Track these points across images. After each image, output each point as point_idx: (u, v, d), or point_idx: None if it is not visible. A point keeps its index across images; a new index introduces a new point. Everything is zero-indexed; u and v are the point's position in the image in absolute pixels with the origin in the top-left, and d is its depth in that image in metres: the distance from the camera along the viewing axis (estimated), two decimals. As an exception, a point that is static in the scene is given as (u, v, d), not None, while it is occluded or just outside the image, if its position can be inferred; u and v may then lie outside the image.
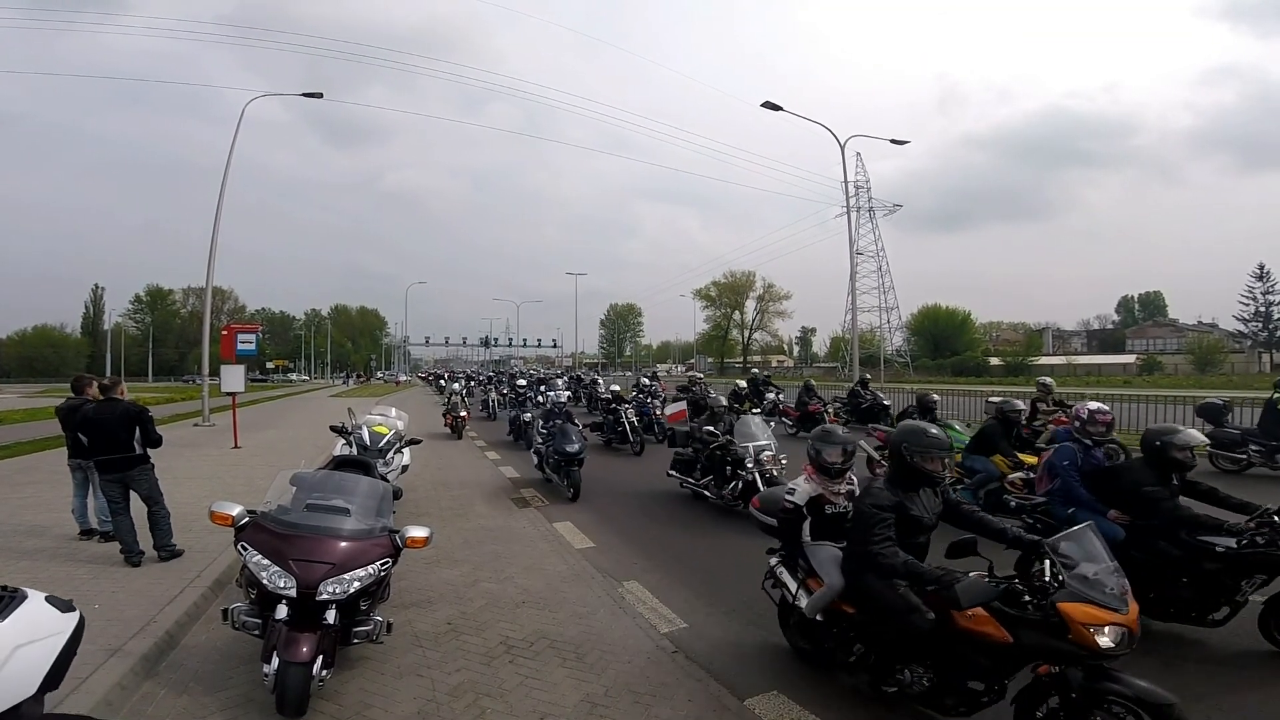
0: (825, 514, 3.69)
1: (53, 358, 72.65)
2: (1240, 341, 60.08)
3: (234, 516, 3.47)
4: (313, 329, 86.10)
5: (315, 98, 21.03)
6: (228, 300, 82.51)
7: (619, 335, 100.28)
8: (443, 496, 8.55)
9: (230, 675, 3.55)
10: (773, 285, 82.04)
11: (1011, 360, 61.00)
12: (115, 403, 5.52)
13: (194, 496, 6.66)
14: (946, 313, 71.55)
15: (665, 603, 4.78)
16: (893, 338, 65.67)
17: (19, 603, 1.05)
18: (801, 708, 3.31)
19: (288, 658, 3.01)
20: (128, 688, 3.35)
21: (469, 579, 5.28)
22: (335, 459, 5.89)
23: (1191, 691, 3.06)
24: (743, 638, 4.25)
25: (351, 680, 3.52)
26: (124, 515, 5.33)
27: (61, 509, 6.37)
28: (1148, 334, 76.62)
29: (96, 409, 5.47)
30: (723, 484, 7.59)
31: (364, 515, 3.69)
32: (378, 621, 3.50)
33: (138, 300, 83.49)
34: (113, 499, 5.36)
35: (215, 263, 18.71)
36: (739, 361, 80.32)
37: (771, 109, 20.83)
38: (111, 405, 5.47)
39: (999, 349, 69.65)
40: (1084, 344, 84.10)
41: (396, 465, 7.46)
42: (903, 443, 3.26)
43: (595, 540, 6.51)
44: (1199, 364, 53.60)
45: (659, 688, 3.50)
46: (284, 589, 3.17)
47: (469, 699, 3.36)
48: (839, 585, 3.33)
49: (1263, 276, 56.40)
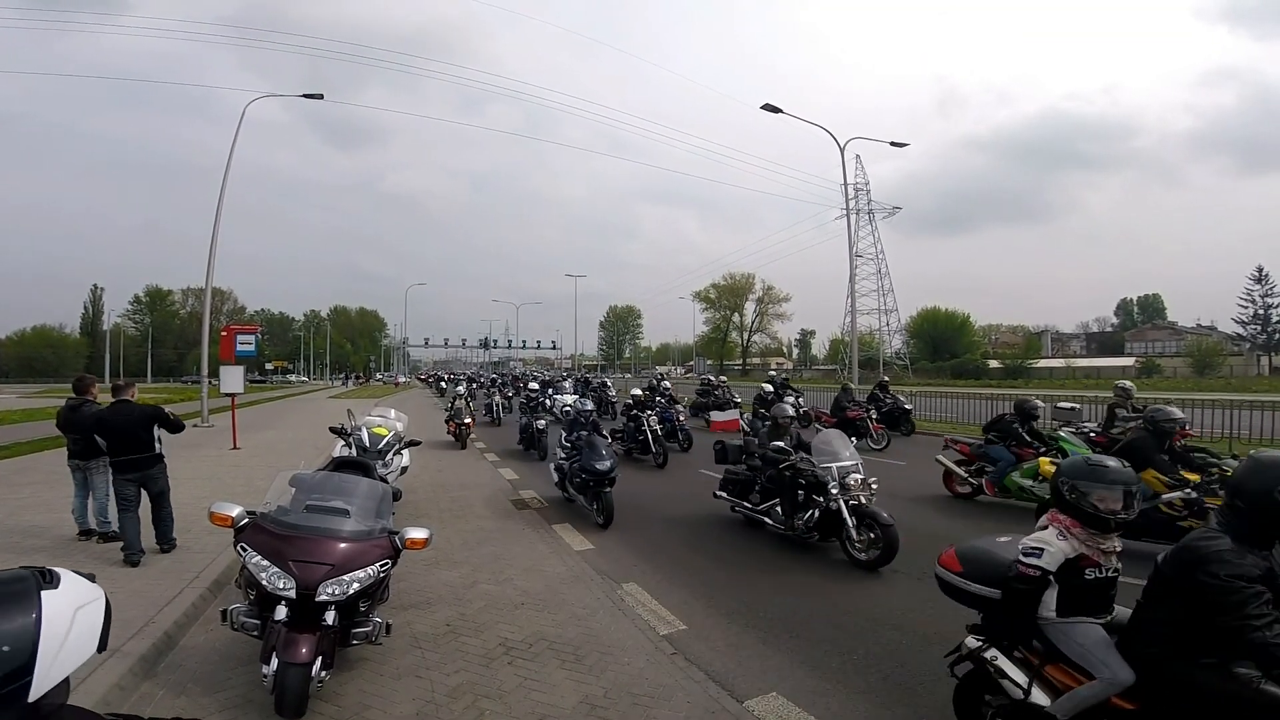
0: (1085, 581, 2.64)
1: (51, 358, 72.61)
2: (1239, 344, 60.15)
3: (233, 517, 3.46)
4: (312, 330, 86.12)
5: (315, 98, 21.04)
6: (227, 301, 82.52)
7: (618, 337, 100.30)
8: (442, 498, 8.55)
9: (229, 676, 3.55)
10: (772, 287, 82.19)
11: (1010, 363, 61.16)
12: (130, 404, 5.65)
13: (193, 497, 6.65)
14: (945, 315, 71.58)
15: (664, 604, 4.78)
16: (892, 340, 65.78)
17: (60, 575, 1.14)
18: (801, 710, 3.32)
19: (287, 659, 3.01)
20: (126, 688, 3.35)
21: (468, 580, 5.28)
22: (334, 460, 5.89)
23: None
24: (742, 639, 4.25)
25: (350, 681, 3.52)
26: (133, 514, 5.44)
27: (60, 509, 6.37)
28: (1146, 336, 76.74)
29: (113, 411, 5.57)
30: (794, 512, 6.27)
31: (363, 516, 3.69)
32: (377, 623, 3.49)
33: (137, 301, 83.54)
34: (126, 498, 5.45)
35: (215, 263, 18.72)
36: (738, 364, 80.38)
37: (771, 111, 20.86)
38: (128, 407, 5.60)
39: (998, 351, 69.72)
40: (1083, 347, 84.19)
41: (396, 467, 7.47)
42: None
43: (594, 542, 6.51)
44: (1198, 367, 53.76)
45: (658, 689, 3.50)
46: (283, 590, 3.17)
47: (468, 700, 3.36)
48: (1125, 679, 2.41)
49: (1261, 279, 56.51)
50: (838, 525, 5.82)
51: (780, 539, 6.43)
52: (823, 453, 6.21)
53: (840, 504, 5.78)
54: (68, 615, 1.08)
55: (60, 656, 1.05)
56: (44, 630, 1.03)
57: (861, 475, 6.00)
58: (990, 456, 8.12)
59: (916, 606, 4.76)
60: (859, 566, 5.53)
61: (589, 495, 7.35)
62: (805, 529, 6.10)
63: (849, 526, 5.68)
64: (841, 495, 5.81)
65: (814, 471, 6.09)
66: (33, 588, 1.07)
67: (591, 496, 7.31)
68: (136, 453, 5.48)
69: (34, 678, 1.00)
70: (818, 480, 6.03)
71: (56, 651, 1.04)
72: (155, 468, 5.61)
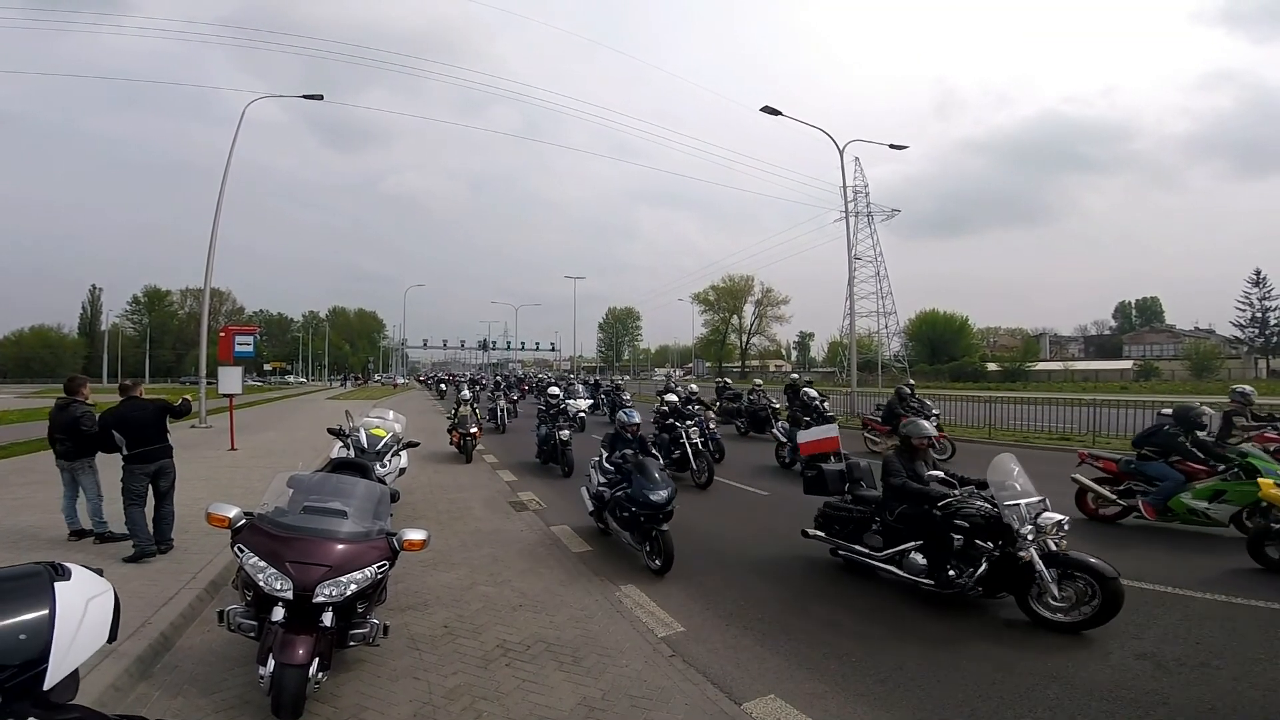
0: None
1: (49, 358, 72.40)
2: (1237, 347, 60.25)
3: (231, 518, 3.46)
4: (310, 331, 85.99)
5: (315, 99, 21.04)
6: (226, 302, 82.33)
7: (617, 339, 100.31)
8: (440, 499, 8.54)
9: (226, 677, 3.54)
10: (771, 290, 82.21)
11: (1009, 365, 61.29)
12: (140, 400, 5.89)
13: (191, 498, 6.63)
14: (944, 318, 71.70)
15: (662, 606, 4.78)
16: (891, 342, 65.68)
17: (71, 569, 1.18)
18: (799, 711, 3.32)
19: (284, 660, 3.01)
20: (122, 689, 3.34)
21: (466, 582, 5.27)
22: (332, 461, 5.89)
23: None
24: (740, 641, 4.24)
25: (348, 683, 3.52)
26: (140, 509, 5.55)
27: (57, 510, 6.35)
28: (1145, 340, 76.80)
29: (128, 408, 5.75)
30: (947, 561, 4.72)
31: (361, 518, 3.69)
32: (374, 624, 3.48)
33: (135, 301, 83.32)
34: (136, 492, 5.57)
35: (214, 264, 18.71)
36: (737, 366, 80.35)
37: (771, 114, 20.89)
38: (139, 403, 5.84)
39: (996, 354, 69.88)
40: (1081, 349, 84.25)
41: (394, 468, 7.47)
42: None
43: (592, 544, 6.50)
44: (1196, 370, 53.91)
45: (656, 691, 3.49)
46: (280, 591, 3.17)
47: (465, 702, 3.35)
48: None
49: (1259, 282, 56.51)
50: (1022, 579, 4.40)
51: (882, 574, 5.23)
52: (1001, 485, 4.70)
53: (1032, 553, 4.34)
54: (80, 606, 1.12)
55: (73, 646, 1.09)
56: (58, 620, 1.07)
57: (1055, 514, 4.56)
58: (1147, 474, 6.86)
59: (918, 607, 4.76)
60: (1050, 628, 4.28)
61: (638, 532, 5.87)
62: (972, 585, 4.57)
63: (1045, 581, 4.29)
64: (1035, 543, 4.37)
65: (989, 510, 4.64)
66: (46, 580, 1.11)
67: (642, 534, 5.84)
68: (153, 445, 5.71)
69: (49, 665, 1.05)
70: (989, 521, 4.59)
71: (70, 641, 1.08)
72: (168, 459, 5.84)
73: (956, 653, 4.03)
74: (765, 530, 7.07)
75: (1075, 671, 3.70)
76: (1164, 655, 3.87)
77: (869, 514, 5.47)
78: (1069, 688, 3.53)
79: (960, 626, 4.43)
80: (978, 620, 4.53)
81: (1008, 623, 4.42)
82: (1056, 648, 4.02)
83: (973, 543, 4.62)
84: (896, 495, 5.12)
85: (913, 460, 5.28)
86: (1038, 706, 3.36)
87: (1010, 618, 4.43)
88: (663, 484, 5.85)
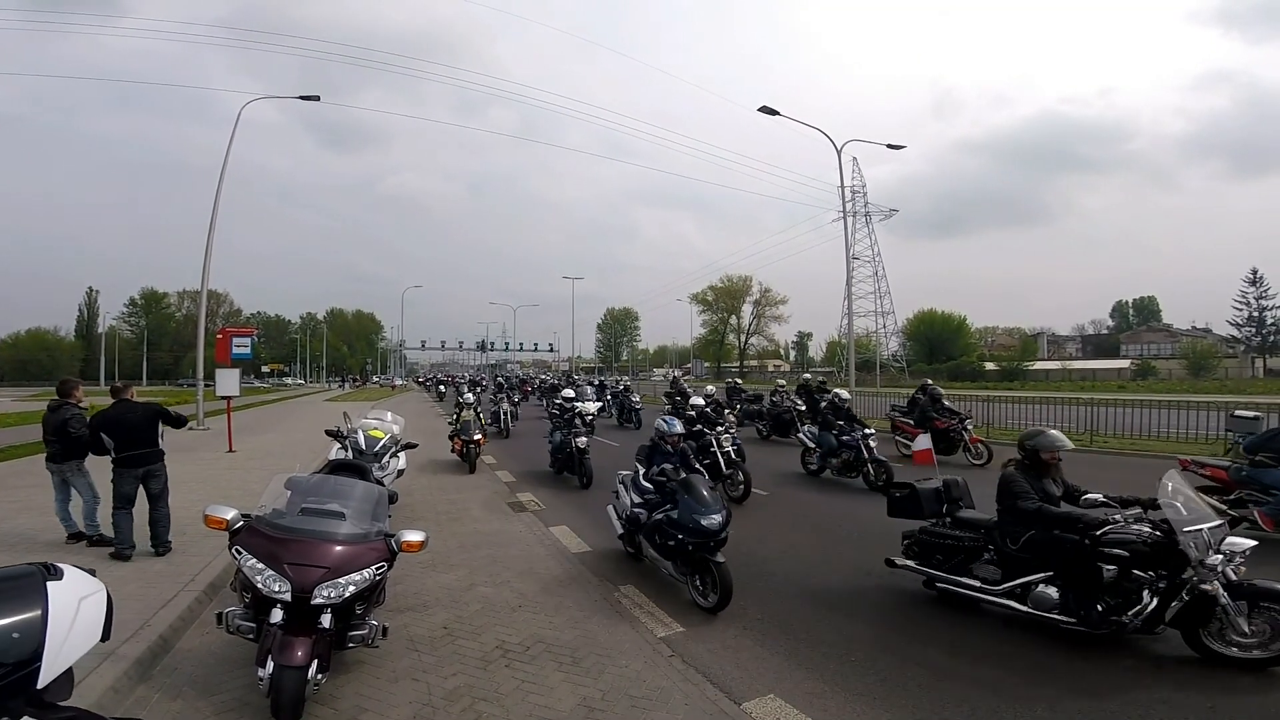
0: None
1: (46, 361, 72.07)
2: (1234, 346, 60.44)
3: (228, 520, 3.45)
4: (308, 332, 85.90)
5: (312, 100, 21.01)
6: (223, 303, 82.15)
7: (616, 339, 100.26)
8: (439, 500, 8.53)
9: (225, 679, 3.53)
10: (769, 290, 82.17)
11: (1007, 365, 61.39)
12: (131, 402, 5.85)
13: (188, 500, 6.62)
14: (942, 317, 71.83)
15: (662, 606, 4.78)
16: (889, 342, 65.77)
17: (63, 569, 1.20)
18: (798, 711, 3.32)
19: (282, 661, 3.00)
20: (121, 691, 3.33)
21: (465, 583, 5.26)
22: (331, 463, 5.88)
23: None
24: (740, 641, 4.25)
25: (347, 684, 3.51)
26: (127, 511, 5.54)
27: (54, 513, 6.33)
28: (1142, 339, 77.02)
29: (118, 410, 5.71)
30: (1091, 596, 4.02)
31: (359, 519, 3.68)
32: (373, 625, 3.48)
33: (132, 303, 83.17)
34: (125, 495, 5.55)
35: (210, 266, 18.68)
36: (735, 366, 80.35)
37: (769, 114, 20.92)
38: (131, 406, 5.81)
39: (994, 354, 69.99)
40: (1078, 349, 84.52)
41: (392, 469, 7.46)
42: None
43: (591, 544, 6.50)
44: (1193, 369, 54.06)
45: (656, 692, 3.49)
46: (279, 593, 3.16)
47: (465, 703, 3.35)
48: None
49: (1256, 281, 56.72)
50: (1198, 613, 3.81)
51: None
52: (1175, 508, 3.95)
53: (1217, 586, 3.75)
54: (72, 606, 1.14)
55: (66, 645, 1.11)
56: (50, 620, 1.09)
57: (1241, 539, 3.99)
58: (1264, 483, 6.38)
59: (917, 607, 4.76)
60: (1230, 664, 3.74)
61: (683, 562, 5.04)
62: (1136, 621, 3.88)
63: (1231, 615, 3.72)
64: (1220, 574, 3.77)
65: (1150, 535, 3.97)
66: (39, 580, 1.13)
67: (687, 565, 5.01)
68: (142, 449, 5.67)
69: (42, 664, 1.06)
70: (1153, 548, 3.93)
71: (63, 640, 1.10)
72: (158, 464, 5.80)
73: (956, 654, 4.03)
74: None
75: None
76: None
77: (981, 541, 4.69)
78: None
79: (972, 627, 4.40)
80: (978, 620, 4.53)
81: (1006, 621, 4.42)
82: (1068, 646, 4.02)
83: (1128, 573, 3.96)
84: (1024, 520, 4.36)
85: (1040, 478, 4.52)
86: (1038, 706, 3.37)
87: (1010, 618, 4.43)
88: (715, 506, 4.97)
